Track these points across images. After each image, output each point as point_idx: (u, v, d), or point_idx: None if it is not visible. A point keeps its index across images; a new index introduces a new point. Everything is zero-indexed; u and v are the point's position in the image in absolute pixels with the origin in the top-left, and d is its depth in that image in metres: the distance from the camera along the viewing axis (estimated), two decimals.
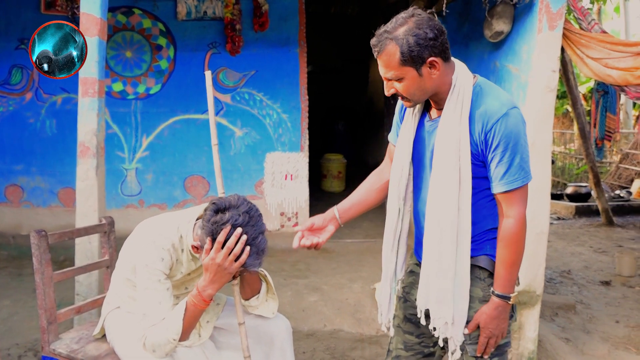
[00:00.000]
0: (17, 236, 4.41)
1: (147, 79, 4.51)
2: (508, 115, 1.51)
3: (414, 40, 1.48)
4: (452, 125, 1.56)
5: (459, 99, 1.56)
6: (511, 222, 1.57)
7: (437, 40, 1.50)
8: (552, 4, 2.91)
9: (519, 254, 1.60)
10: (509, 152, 1.52)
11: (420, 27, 1.49)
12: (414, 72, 1.52)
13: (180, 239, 1.84)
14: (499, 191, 1.56)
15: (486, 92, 1.57)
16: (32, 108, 4.47)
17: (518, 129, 1.52)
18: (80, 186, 2.76)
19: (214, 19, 4.44)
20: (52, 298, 2.12)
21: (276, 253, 4.54)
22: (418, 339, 1.85)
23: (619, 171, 9.32)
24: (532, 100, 3.02)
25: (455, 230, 1.58)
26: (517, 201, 1.56)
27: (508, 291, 1.60)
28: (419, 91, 1.56)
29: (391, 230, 1.78)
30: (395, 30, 1.51)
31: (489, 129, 1.52)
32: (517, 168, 1.53)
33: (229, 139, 4.60)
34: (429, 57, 1.50)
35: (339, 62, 9.70)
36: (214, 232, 1.67)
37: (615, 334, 3.61)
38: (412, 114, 1.71)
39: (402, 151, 1.72)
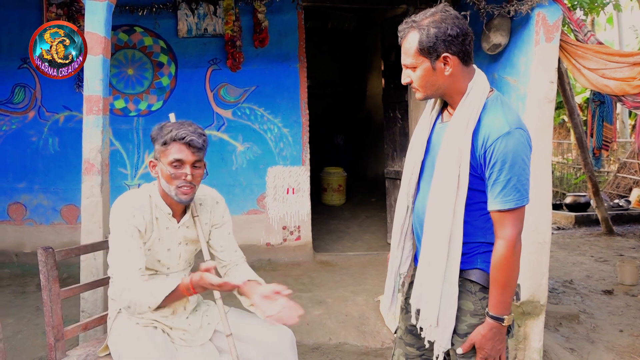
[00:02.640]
0: (20, 254, 4.41)
1: (148, 96, 4.54)
2: (510, 135, 1.50)
3: (434, 32, 1.52)
4: (458, 134, 1.57)
5: (469, 108, 1.57)
6: (502, 245, 1.55)
7: (457, 38, 1.53)
8: (549, 17, 2.96)
9: (511, 277, 1.57)
10: (506, 171, 1.51)
11: (444, 21, 1.53)
12: (428, 64, 1.56)
13: (150, 198, 1.97)
14: (492, 209, 1.56)
15: (496, 108, 1.57)
16: (35, 126, 4.49)
17: (518, 150, 1.51)
18: (85, 203, 2.78)
19: (214, 35, 4.49)
20: (59, 315, 2.12)
21: (279, 267, 4.54)
22: (419, 352, 1.85)
23: (617, 180, 9.36)
24: (531, 111, 3.06)
25: (448, 235, 1.59)
26: (509, 223, 1.54)
27: (502, 313, 1.58)
28: (430, 84, 1.59)
29: (399, 226, 1.81)
30: (422, 20, 1.56)
31: (489, 145, 1.52)
32: (512, 189, 1.51)
33: (230, 154, 4.62)
34: (444, 52, 1.53)
35: (337, 76, 9.78)
36: (159, 132, 1.91)
37: (620, 343, 3.61)
38: (429, 113, 1.74)
39: (415, 149, 1.74)
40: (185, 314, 2.08)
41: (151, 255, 1.97)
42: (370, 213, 6.37)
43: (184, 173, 1.89)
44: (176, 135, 1.87)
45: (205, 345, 2.06)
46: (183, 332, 2.04)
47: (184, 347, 2.02)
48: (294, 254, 4.70)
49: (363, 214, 6.37)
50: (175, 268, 2.07)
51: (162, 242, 2.00)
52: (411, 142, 1.79)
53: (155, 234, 1.97)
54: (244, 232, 4.48)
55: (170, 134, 1.87)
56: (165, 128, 1.91)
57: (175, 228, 2.03)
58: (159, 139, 1.91)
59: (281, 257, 4.67)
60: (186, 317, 2.08)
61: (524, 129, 1.55)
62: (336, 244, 5.24)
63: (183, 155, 1.88)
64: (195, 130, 1.91)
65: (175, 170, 1.89)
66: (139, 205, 1.93)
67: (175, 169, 1.89)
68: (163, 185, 1.94)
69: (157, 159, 1.94)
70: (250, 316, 2.16)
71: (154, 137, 1.94)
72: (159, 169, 1.94)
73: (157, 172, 1.95)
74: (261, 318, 2.13)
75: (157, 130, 1.94)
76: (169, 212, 1.99)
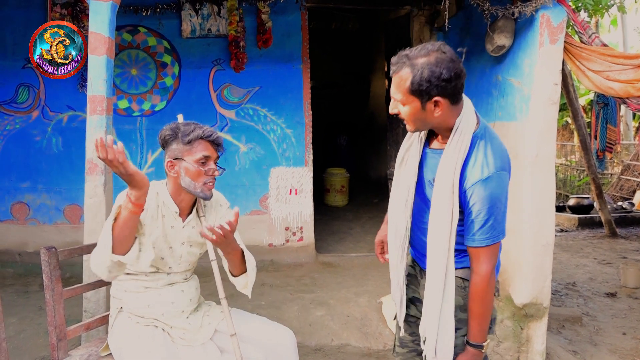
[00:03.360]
0: (23, 253, 4.42)
1: (152, 96, 4.55)
2: (489, 180, 1.58)
3: (427, 75, 1.52)
4: (450, 167, 1.63)
5: (458, 142, 1.62)
6: (477, 279, 1.65)
7: (451, 82, 1.53)
8: (553, 18, 2.96)
9: (487, 307, 1.68)
10: (484, 213, 1.60)
11: (439, 64, 1.52)
12: (417, 104, 1.58)
13: (157, 196, 1.99)
14: (469, 245, 1.66)
15: (480, 149, 1.63)
16: (39, 126, 4.50)
17: (496, 193, 1.59)
18: (89, 203, 2.78)
19: (218, 36, 4.50)
20: (62, 315, 2.12)
21: (282, 268, 4.54)
22: (411, 337, 1.99)
23: (620, 182, 9.33)
24: (535, 113, 3.06)
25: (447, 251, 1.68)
26: (484, 258, 1.64)
27: (480, 340, 1.70)
28: (419, 121, 1.64)
29: (399, 245, 1.86)
30: (416, 58, 1.55)
31: (469, 187, 1.60)
32: (489, 228, 1.61)
33: (233, 154, 4.62)
34: (436, 95, 1.55)
35: (340, 77, 9.78)
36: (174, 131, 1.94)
37: (623, 346, 3.59)
38: (418, 137, 1.80)
39: (408, 172, 1.80)
40: (185, 314, 2.08)
41: (154, 249, 1.97)
42: (373, 214, 6.37)
43: (211, 169, 1.95)
44: (202, 133, 1.93)
45: (207, 344, 2.07)
46: (183, 332, 2.04)
47: (184, 346, 2.03)
48: (297, 255, 4.70)
49: (365, 215, 6.36)
50: (177, 269, 2.07)
51: (165, 239, 2.00)
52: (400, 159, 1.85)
53: (159, 230, 1.98)
54: (247, 233, 4.47)
55: (194, 132, 1.92)
56: (184, 128, 1.94)
57: (180, 227, 2.03)
58: (180, 139, 1.93)
59: (284, 258, 4.67)
60: (186, 316, 2.09)
61: (504, 168, 1.62)
62: (339, 245, 5.23)
63: (209, 151, 1.95)
64: (211, 129, 1.99)
65: (204, 167, 1.93)
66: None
67: (203, 165, 1.93)
68: (186, 183, 1.95)
69: (179, 158, 1.94)
70: (252, 317, 2.17)
71: (169, 138, 1.95)
72: (181, 168, 1.94)
73: (178, 171, 1.95)
74: (264, 319, 2.15)
75: (172, 131, 1.95)
76: (177, 210, 2.01)
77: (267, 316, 3.37)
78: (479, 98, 3.81)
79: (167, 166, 1.98)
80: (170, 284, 2.06)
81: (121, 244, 1.76)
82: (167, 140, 1.96)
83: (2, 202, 4.54)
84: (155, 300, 2.01)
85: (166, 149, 1.98)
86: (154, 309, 2.00)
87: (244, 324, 2.09)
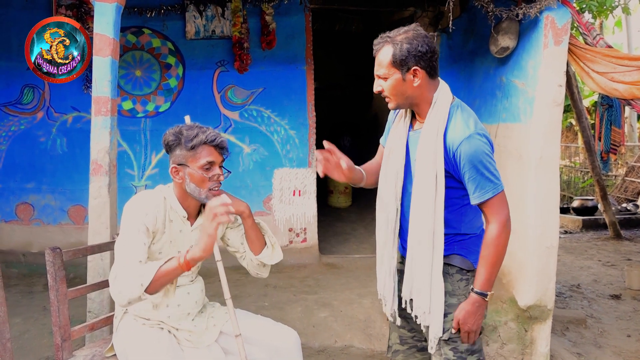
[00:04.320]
0: (27, 254, 4.43)
1: (156, 97, 4.56)
2: (471, 137, 1.70)
3: (406, 48, 1.71)
4: (430, 140, 1.76)
5: (437, 116, 1.76)
6: (493, 227, 1.75)
7: (426, 54, 1.73)
8: (558, 20, 2.95)
9: (500, 255, 1.76)
10: (475, 170, 1.71)
11: (416, 38, 1.72)
12: (398, 75, 1.74)
13: (164, 200, 1.97)
14: (475, 203, 1.76)
15: (458, 115, 1.77)
16: (43, 127, 4.52)
17: (481, 149, 1.71)
18: (93, 204, 2.79)
19: (222, 37, 4.51)
20: (66, 315, 2.12)
21: (285, 269, 4.54)
22: (411, 333, 2.05)
23: (625, 184, 9.29)
24: (539, 115, 3.05)
25: (431, 232, 1.78)
26: (495, 208, 1.74)
27: (486, 289, 1.77)
28: (400, 93, 1.78)
29: (391, 230, 1.93)
30: (396, 35, 1.75)
31: (456, 149, 1.72)
32: (486, 181, 1.72)
33: (237, 155, 4.63)
34: (414, 65, 1.72)
35: (344, 79, 9.77)
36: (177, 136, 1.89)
37: (628, 349, 3.58)
38: (403, 121, 1.92)
39: (395, 156, 1.90)
40: (191, 316, 2.09)
41: (161, 255, 1.97)
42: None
43: (216, 174, 1.93)
44: (206, 138, 1.88)
45: (212, 346, 2.07)
46: (189, 334, 2.04)
47: (190, 348, 2.03)
48: (300, 256, 4.70)
49: (369, 216, 6.35)
50: (185, 277, 2.07)
51: (173, 244, 2.00)
52: (388, 149, 1.95)
53: (166, 236, 1.97)
54: None
55: (198, 137, 1.87)
56: (187, 133, 1.89)
57: (189, 231, 2.03)
58: (183, 145, 1.88)
59: (287, 259, 4.66)
60: (192, 319, 2.09)
61: (480, 131, 1.74)
62: (342, 246, 5.23)
63: (213, 157, 1.91)
64: (216, 132, 1.95)
65: (208, 173, 1.91)
66: (153, 205, 1.92)
67: (207, 171, 1.91)
68: (191, 189, 1.92)
69: (183, 164, 1.91)
70: (256, 317, 2.17)
71: (172, 143, 1.91)
72: (185, 174, 1.91)
73: (183, 177, 1.93)
74: (267, 320, 2.15)
75: (175, 136, 1.91)
76: (185, 215, 2.00)
77: (270, 317, 3.37)
78: (482, 99, 3.80)
79: (171, 172, 1.96)
80: (177, 287, 2.05)
81: (155, 288, 1.74)
82: (171, 145, 1.93)
83: (7, 202, 4.55)
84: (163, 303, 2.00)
85: (170, 154, 1.96)
86: (160, 311, 1.99)
87: (249, 325, 2.09)
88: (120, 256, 1.80)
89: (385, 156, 1.96)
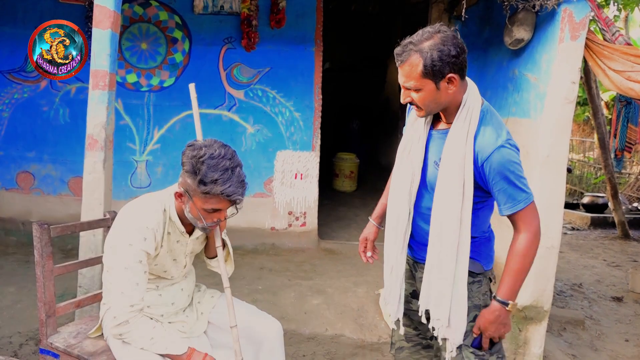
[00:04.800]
0: (26, 223, 4.43)
1: (161, 72, 4.49)
2: (503, 147, 1.63)
3: (437, 56, 1.57)
4: (460, 141, 1.65)
5: (467, 117, 1.66)
6: (524, 237, 1.67)
7: (459, 58, 1.60)
8: (576, 13, 2.82)
9: (528, 265, 1.70)
10: (507, 181, 1.63)
11: (445, 43, 1.58)
12: (432, 86, 1.61)
13: (164, 212, 1.88)
14: (506, 214, 1.68)
15: (488, 121, 1.68)
16: (47, 96, 4.47)
17: (512, 160, 1.63)
18: (87, 179, 2.76)
19: (230, 13, 4.40)
20: (51, 291, 2.11)
21: (282, 252, 4.52)
22: (416, 331, 2.01)
23: (638, 183, 9.11)
24: (550, 111, 2.94)
25: (456, 240, 1.69)
26: (528, 219, 1.67)
27: (509, 298, 1.69)
28: (433, 103, 1.66)
29: (401, 232, 1.85)
30: (421, 43, 1.60)
31: (486, 158, 1.63)
32: (518, 192, 1.65)
33: (240, 135, 4.57)
34: (449, 73, 1.60)
35: (357, 61, 9.62)
36: (194, 167, 1.71)
37: (624, 354, 3.52)
38: (424, 122, 1.81)
39: (414, 156, 1.80)
40: (183, 309, 2.07)
41: (157, 266, 1.92)
42: None
43: (218, 219, 1.82)
44: (222, 191, 1.70)
45: (201, 337, 2.05)
46: (182, 325, 2.03)
47: (183, 339, 1.99)
48: (299, 240, 4.66)
49: (373, 202, 6.22)
50: (178, 277, 2.04)
51: (169, 254, 1.94)
52: (403, 147, 1.86)
53: (164, 248, 1.90)
54: (250, 215, 4.45)
55: (215, 187, 1.69)
56: (205, 170, 1.69)
57: (186, 242, 1.97)
58: (199, 180, 1.70)
59: (285, 242, 4.64)
60: (183, 310, 2.07)
61: (511, 141, 1.67)
62: (343, 231, 5.19)
63: (222, 206, 1.78)
64: (239, 182, 1.75)
65: (211, 216, 1.80)
66: (153, 225, 1.81)
67: (211, 214, 1.79)
68: (188, 216, 1.83)
69: (189, 196, 1.77)
70: (240, 304, 2.14)
71: (189, 168, 1.73)
72: (187, 205, 1.80)
73: (183, 204, 1.82)
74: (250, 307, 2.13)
75: (192, 167, 1.72)
76: (184, 230, 1.93)
77: (263, 301, 3.38)
78: (494, 91, 3.69)
79: (174, 196, 1.83)
80: (171, 284, 2.02)
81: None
82: (186, 168, 1.75)
83: (7, 170, 4.55)
84: (155, 302, 1.97)
85: (181, 171, 1.80)
86: (154, 309, 1.96)
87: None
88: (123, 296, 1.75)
89: (401, 152, 1.85)
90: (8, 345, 2.88)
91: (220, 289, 2.10)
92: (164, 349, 1.78)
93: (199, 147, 1.74)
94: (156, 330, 1.80)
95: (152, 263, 1.88)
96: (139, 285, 1.78)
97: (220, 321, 2.08)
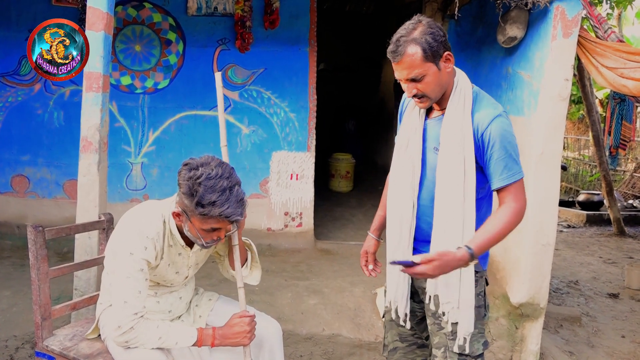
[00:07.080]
0: (21, 226, 4.41)
1: (155, 74, 4.48)
2: (500, 117, 1.69)
3: (431, 38, 1.65)
4: (457, 120, 1.70)
5: (461, 96, 1.72)
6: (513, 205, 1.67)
7: (445, 36, 1.70)
8: (568, 11, 2.84)
9: (507, 231, 1.67)
10: (504, 150, 1.67)
11: (431, 27, 1.68)
12: (434, 68, 1.67)
13: (164, 224, 1.86)
14: (501, 185, 1.68)
15: (482, 98, 1.76)
16: (41, 99, 4.46)
17: (509, 130, 1.69)
18: (82, 181, 2.76)
19: (224, 15, 4.40)
20: (47, 294, 2.10)
21: (279, 253, 4.51)
22: (411, 331, 1.98)
23: (633, 180, 9.15)
24: (543, 109, 2.96)
25: (461, 219, 1.70)
26: (519, 194, 1.69)
27: (476, 252, 1.60)
28: (438, 87, 1.71)
29: (406, 228, 1.83)
30: (411, 33, 1.67)
31: (484, 129, 1.67)
32: (514, 163, 1.68)
33: (235, 136, 4.56)
34: (444, 51, 1.69)
35: (352, 61, 9.62)
36: (191, 189, 1.67)
37: (621, 350, 3.54)
38: (418, 114, 1.84)
39: (412, 147, 1.81)
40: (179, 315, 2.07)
41: (156, 276, 1.91)
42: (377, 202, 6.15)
43: (217, 236, 1.80)
44: (220, 213, 1.66)
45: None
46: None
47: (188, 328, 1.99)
48: (295, 241, 4.66)
49: (369, 202, 6.29)
50: (178, 285, 2.03)
51: (171, 267, 1.93)
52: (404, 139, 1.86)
53: (165, 260, 1.88)
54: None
55: (214, 209, 1.65)
56: (203, 192, 1.65)
57: (188, 255, 1.95)
58: (197, 202, 1.66)
59: (281, 243, 4.63)
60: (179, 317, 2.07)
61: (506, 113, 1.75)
62: (339, 232, 5.19)
63: (221, 225, 1.75)
64: (237, 201, 1.70)
65: (208, 234, 1.78)
66: (153, 235, 1.80)
67: (210, 233, 1.77)
68: (186, 233, 1.81)
69: (187, 216, 1.74)
70: (236, 306, 2.12)
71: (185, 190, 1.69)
72: (185, 224, 1.77)
73: (182, 223, 1.79)
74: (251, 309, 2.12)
75: (188, 188, 1.68)
76: (184, 244, 1.91)
77: (259, 302, 3.38)
78: (488, 90, 3.64)
79: (172, 215, 1.80)
80: (170, 292, 2.02)
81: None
82: (182, 190, 1.71)
83: (2, 174, 4.53)
84: (153, 308, 1.95)
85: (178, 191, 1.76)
86: (151, 315, 1.94)
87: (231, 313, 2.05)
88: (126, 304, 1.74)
89: (399, 148, 1.87)
90: (4, 349, 2.87)
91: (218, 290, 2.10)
92: (174, 344, 1.79)
93: (195, 167, 1.69)
94: (161, 329, 1.79)
95: (151, 273, 1.87)
96: (141, 293, 1.78)
97: (218, 324, 2.06)
